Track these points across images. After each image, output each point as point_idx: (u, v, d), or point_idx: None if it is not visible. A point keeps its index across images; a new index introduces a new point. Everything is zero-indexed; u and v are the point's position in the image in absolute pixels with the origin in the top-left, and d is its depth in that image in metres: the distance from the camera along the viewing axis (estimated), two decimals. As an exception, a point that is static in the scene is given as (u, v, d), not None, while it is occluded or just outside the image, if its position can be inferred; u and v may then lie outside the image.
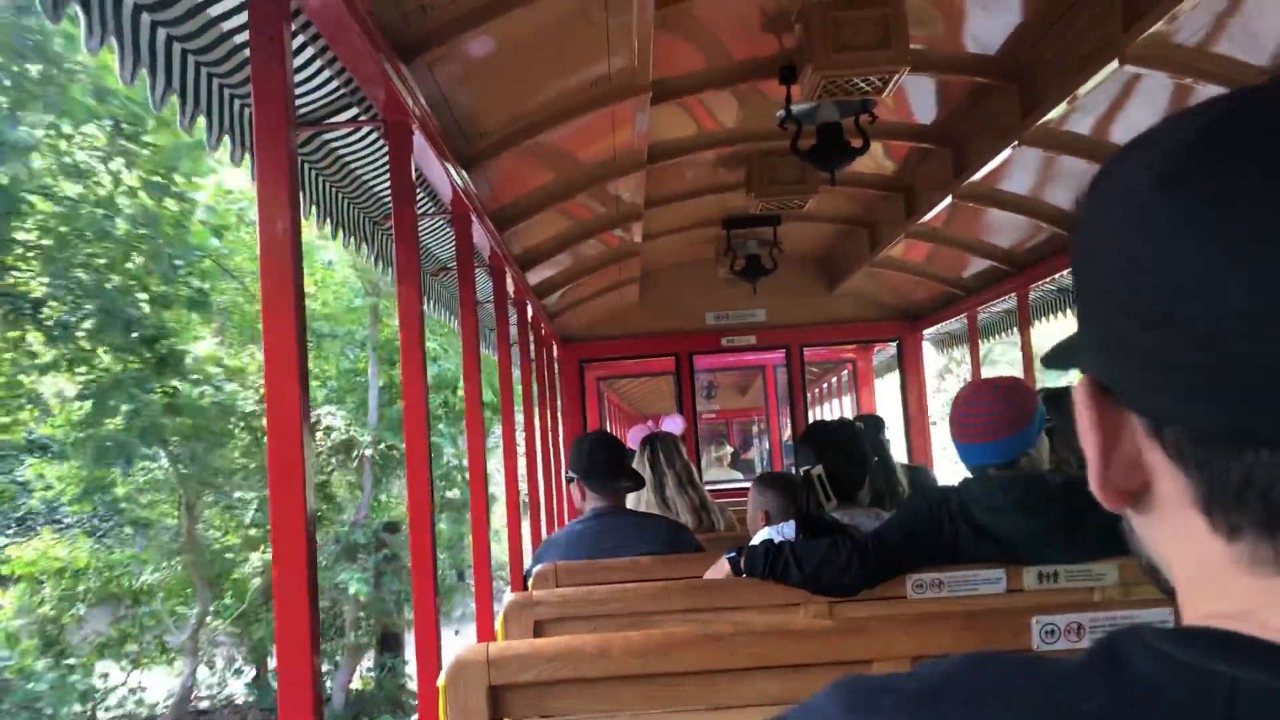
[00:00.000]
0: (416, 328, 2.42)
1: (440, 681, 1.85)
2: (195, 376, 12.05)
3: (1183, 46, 2.87)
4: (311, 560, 1.54)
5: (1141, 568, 0.57)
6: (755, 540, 2.84)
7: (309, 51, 2.15)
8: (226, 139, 2.10)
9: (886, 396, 8.96)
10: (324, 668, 6.35)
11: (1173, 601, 0.54)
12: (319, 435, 14.18)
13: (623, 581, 3.01)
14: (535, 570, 3.20)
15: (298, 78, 2.16)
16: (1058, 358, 0.57)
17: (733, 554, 2.59)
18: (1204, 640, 0.45)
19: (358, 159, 2.85)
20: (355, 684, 14.75)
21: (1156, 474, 0.50)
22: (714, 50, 3.45)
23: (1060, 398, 3.59)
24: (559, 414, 6.82)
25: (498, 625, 2.69)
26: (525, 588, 3.27)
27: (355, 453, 14.58)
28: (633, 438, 4.20)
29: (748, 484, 5.32)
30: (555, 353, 6.69)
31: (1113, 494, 0.52)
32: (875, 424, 5.42)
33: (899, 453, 6.15)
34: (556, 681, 1.82)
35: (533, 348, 5.29)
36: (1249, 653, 0.44)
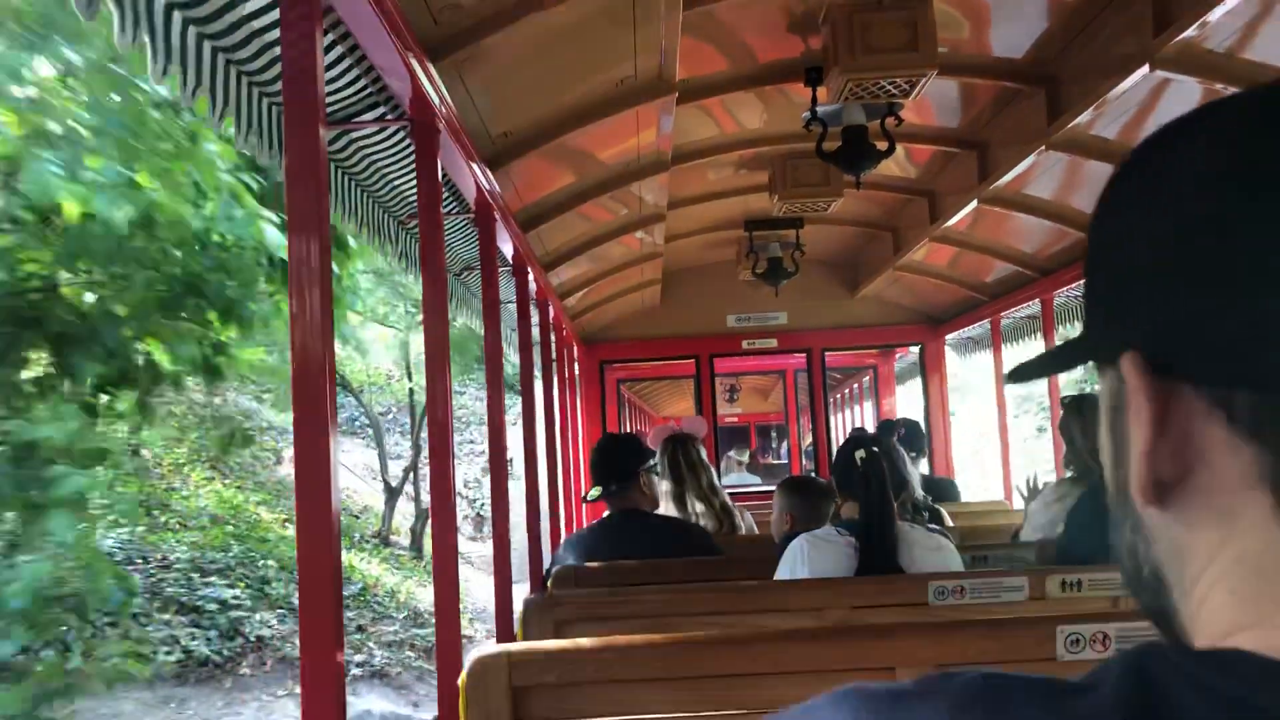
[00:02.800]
0: (443, 328, 2.41)
1: (461, 680, 1.85)
2: None
3: (1214, 51, 2.84)
4: (336, 568, 1.54)
5: (1129, 582, 0.53)
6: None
7: (338, 50, 2.15)
8: (255, 138, 2.11)
9: (910, 402, 8.90)
10: None
11: (1164, 621, 0.51)
12: None
13: (643, 583, 3.00)
14: (555, 571, 3.20)
15: (326, 76, 2.16)
16: (1080, 351, 0.53)
17: None
18: (1244, 667, 0.42)
19: (384, 157, 2.86)
20: None
21: (1210, 455, 0.46)
22: (739, 52, 3.45)
23: (1083, 401, 3.58)
24: (579, 414, 6.82)
25: (517, 626, 2.69)
26: (544, 588, 3.27)
27: None
28: (654, 437, 4.19)
29: (765, 488, 5.28)
30: (576, 354, 6.69)
31: (1149, 487, 0.48)
32: (886, 429, 5.45)
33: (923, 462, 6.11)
34: (579, 683, 1.82)
35: (554, 348, 5.29)
36: None
